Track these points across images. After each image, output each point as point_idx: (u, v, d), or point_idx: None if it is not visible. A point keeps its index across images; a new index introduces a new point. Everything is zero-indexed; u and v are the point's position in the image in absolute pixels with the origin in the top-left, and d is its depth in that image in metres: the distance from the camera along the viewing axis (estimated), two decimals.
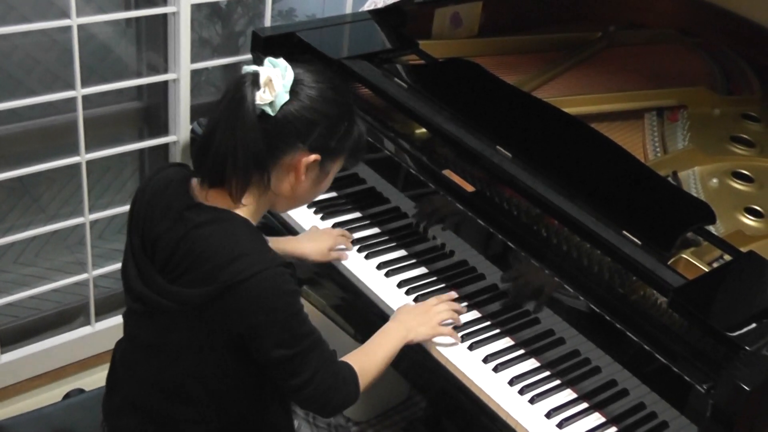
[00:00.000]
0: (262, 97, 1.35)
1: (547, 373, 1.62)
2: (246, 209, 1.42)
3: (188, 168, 1.51)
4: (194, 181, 1.45)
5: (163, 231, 1.40)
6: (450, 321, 1.67)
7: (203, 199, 1.42)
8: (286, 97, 1.37)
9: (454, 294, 1.75)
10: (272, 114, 1.36)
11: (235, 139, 1.35)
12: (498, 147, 1.78)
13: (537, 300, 1.64)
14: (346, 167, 1.55)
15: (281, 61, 1.39)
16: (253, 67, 1.38)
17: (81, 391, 1.86)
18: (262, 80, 1.35)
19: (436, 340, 1.65)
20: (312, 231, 1.89)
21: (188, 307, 1.37)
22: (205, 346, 1.41)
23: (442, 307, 1.68)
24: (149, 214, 1.44)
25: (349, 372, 1.49)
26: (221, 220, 1.38)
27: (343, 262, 1.83)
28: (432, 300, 1.71)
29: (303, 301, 1.45)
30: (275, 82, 1.35)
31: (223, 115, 1.37)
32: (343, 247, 1.85)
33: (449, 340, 1.66)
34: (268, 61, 1.39)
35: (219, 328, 1.38)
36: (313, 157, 1.41)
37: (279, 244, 1.81)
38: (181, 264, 1.37)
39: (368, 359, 1.55)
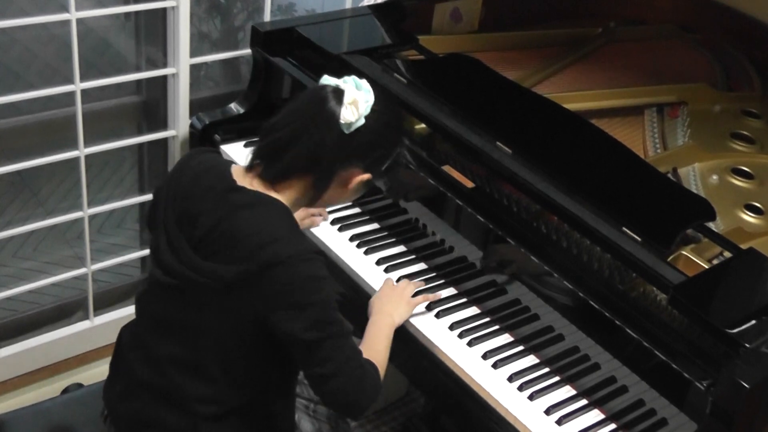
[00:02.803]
0: (345, 117, 1.43)
1: (547, 369, 1.62)
2: (285, 198, 1.47)
3: (221, 155, 1.57)
4: (236, 168, 1.50)
5: (205, 209, 1.44)
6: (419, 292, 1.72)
7: (247, 185, 1.46)
8: (363, 121, 1.45)
9: (421, 283, 1.76)
10: (347, 132, 1.44)
11: (320, 149, 1.43)
12: (498, 143, 1.77)
13: (536, 296, 1.64)
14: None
15: (365, 84, 1.47)
16: (333, 81, 1.47)
17: (80, 385, 1.86)
18: (346, 99, 1.43)
19: (436, 337, 1.65)
20: None
21: (221, 283, 1.39)
22: (230, 325, 1.43)
23: (404, 283, 1.72)
24: (190, 192, 1.47)
25: (373, 368, 1.50)
26: (263, 204, 1.44)
27: (343, 257, 1.82)
28: (401, 283, 1.74)
29: None
30: (361, 104, 1.44)
31: (304, 120, 1.44)
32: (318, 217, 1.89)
33: (448, 334, 1.65)
34: (353, 81, 1.46)
35: (248, 307, 1.40)
36: (367, 176, 1.51)
37: None
38: (218, 241, 1.41)
39: (377, 355, 1.56)
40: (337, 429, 1.75)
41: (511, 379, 1.59)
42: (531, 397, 1.56)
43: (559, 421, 1.52)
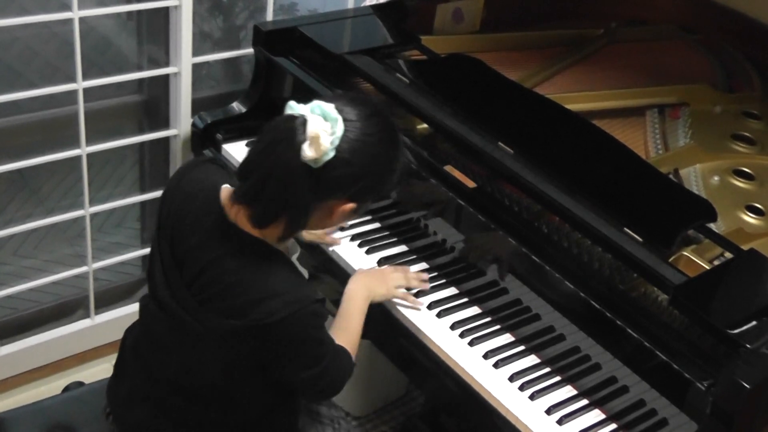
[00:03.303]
0: (305, 154, 1.29)
1: (548, 369, 1.62)
2: (273, 232, 1.39)
3: (219, 164, 1.49)
4: (225, 190, 1.41)
5: (193, 246, 1.39)
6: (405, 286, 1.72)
7: (234, 217, 1.38)
8: (332, 154, 1.31)
9: (407, 268, 1.77)
10: (314, 167, 1.31)
11: (281, 182, 1.32)
12: (500, 143, 1.77)
13: (537, 296, 1.64)
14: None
15: (332, 111, 1.31)
16: (299, 111, 1.32)
17: (80, 384, 1.86)
18: (309, 134, 1.29)
19: (437, 337, 1.66)
20: None
21: (215, 334, 1.37)
22: (226, 363, 1.43)
23: (398, 273, 1.72)
24: (178, 223, 1.42)
25: (347, 356, 1.54)
26: (254, 253, 1.37)
27: (344, 256, 1.83)
28: (388, 268, 1.75)
29: None
30: (323, 139, 1.29)
31: (268, 151, 1.32)
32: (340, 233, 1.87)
33: (449, 333, 1.66)
34: (319, 108, 1.32)
35: (245, 354, 1.40)
36: (351, 206, 1.40)
37: None
38: (209, 288, 1.37)
39: (350, 333, 1.60)
40: (339, 431, 1.75)
41: (512, 378, 1.59)
42: (532, 397, 1.56)
43: (560, 421, 1.53)
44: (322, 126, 1.30)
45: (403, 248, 1.87)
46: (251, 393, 1.48)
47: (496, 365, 1.61)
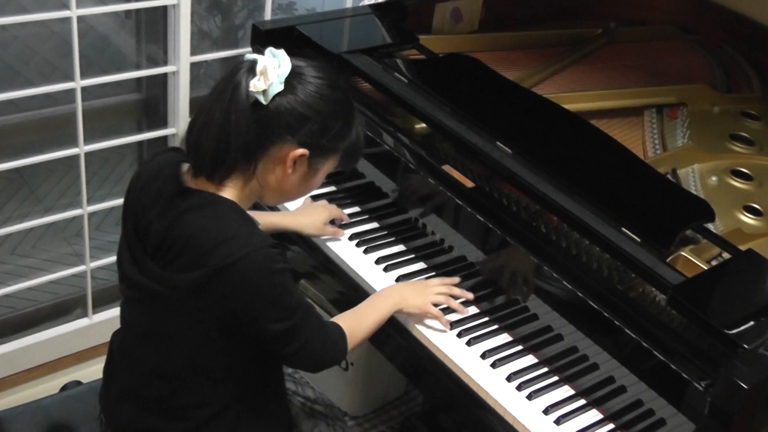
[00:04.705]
0: (255, 85, 1.35)
1: (545, 369, 1.62)
2: (231, 194, 1.42)
3: (182, 152, 1.51)
4: (185, 167, 1.45)
5: (154, 217, 1.41)
6: (444, 306, 1.69)
7: (193, 185, 1.42)
8: (280, 88, 1.37)
9: (457, 279, 1.75)
10: (264, 103, 1.36)
11: (226, 124, 1.36)
12: (498, 143, 1.77)
13: (535, 296, 1.64)
14: (340, 168, 1.54)
15: (281, 52, 1.39)
16: (253, 56, 1.39)
17: (78, 383, 1.86)
18: (258, 68, 1.36)
19: (435, 337, 1.65)
20: (307, 204, 1.90)
21: (181, 291, 1.38)
22: (200, 330, 1.42)
23: (441, 289, 1.70)
24: (141, 200, 1.45)
25: (339, 333, 1.54)
26: (208, 204, 1.39)
27: (342, 256, 1.83)
28: (435, 280, 1.74)
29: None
30: (270, 71, 1.35)
31: (216, 100, 1.38)
32: (340, 222, 1.87)
33: (447, 333, 1.66)
34: (269, 51, 1.39)
35: (213, 311, 1.39)
36: (301, 151, 1.41)
37: (274, 218, 1.83)
38: (172, 249, 1.38)
39: (359, 321, 1.60)
40: (335, 427, 1.75)
41: (509, 378, 1.59)
42: (530, 397, 1.56)
43: (558, 421, 1.53)
44: (271, 62, 1.36)
45: (401, 248, 1.87)
46: (231, 365, 1.47)
47: (494, 365, 1.61)
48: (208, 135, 1.38)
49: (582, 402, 1.57)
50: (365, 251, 1.84)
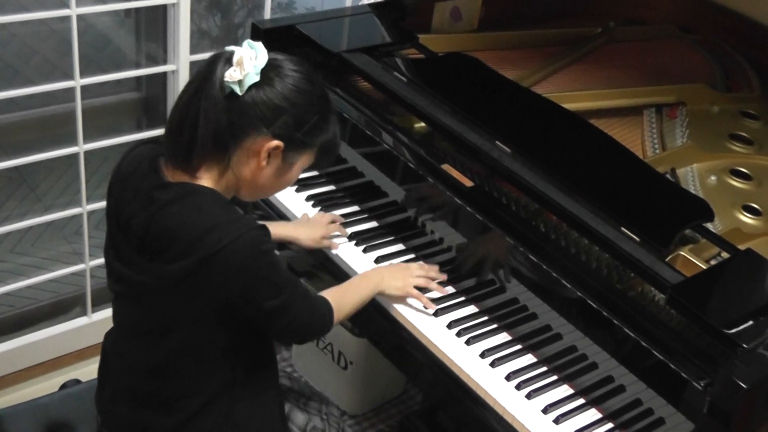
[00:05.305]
0: (231, 75, 1.36)
1: (544, 368, 1.62)
2: (208, 185, 1.42)
3: (159, 145, 1.51)
4: (163, 160, 1.46)
5: (134, 212, 1.41)
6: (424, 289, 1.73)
7: (171, 177, 1.43)
8: (255, 78, 1.37)
9: (436, 267, 1.77)
10: (240, 93, 1.37)
11: (200, 113, 1.37)
12: (497, 142, 1.78)
13: (534, 295, 1.65)
14: (316, 167, 1.54)
15: (258, 44, 1.40)
16: (231, 48, 1.40)
17: (77, 381, 1.86)
18: (235, 59, 1.37)
19: (434, 336, 1.66)
20: (305, 218, 1.91)
21: (169, 282, 1.38)
22: (189, 319, 1.42)
23: (420, 272, 1.74)
24: (121, 196, 1.46)
25: (326, 306, 1.58)
26: (188, 194, 1.40)
27: (341, 255, 1.83)
28: (414, 264, 1.77)
29: None
30: (246, 62, 1.36)
31: (191, 91, 1.39)
32: (337, 234, 1.87)
33: (444, 333, 1.66)
34: (247, 43, 1.40)
35: (202, 299, 1.39)
36: (275, 143, 1.41)
37: (272, 227, 1.82)
38: (156, 243, 1.39)
39: (344, 297, 1.64)
40: (329, 422, 1.75)
41: (509, 377, 1.59)
42: (529, 396, 1.56)
43: (557, 420, 1.53)
44: (248, 53, 1.38)
45: (400, 247, 1.87)
46: (223, 352, 1.47)
47: (493, 364, 1.61)
48: (182, 122, 1.39)
49: (581, 401, 1.57)
50: (364, 250, 1.84)
